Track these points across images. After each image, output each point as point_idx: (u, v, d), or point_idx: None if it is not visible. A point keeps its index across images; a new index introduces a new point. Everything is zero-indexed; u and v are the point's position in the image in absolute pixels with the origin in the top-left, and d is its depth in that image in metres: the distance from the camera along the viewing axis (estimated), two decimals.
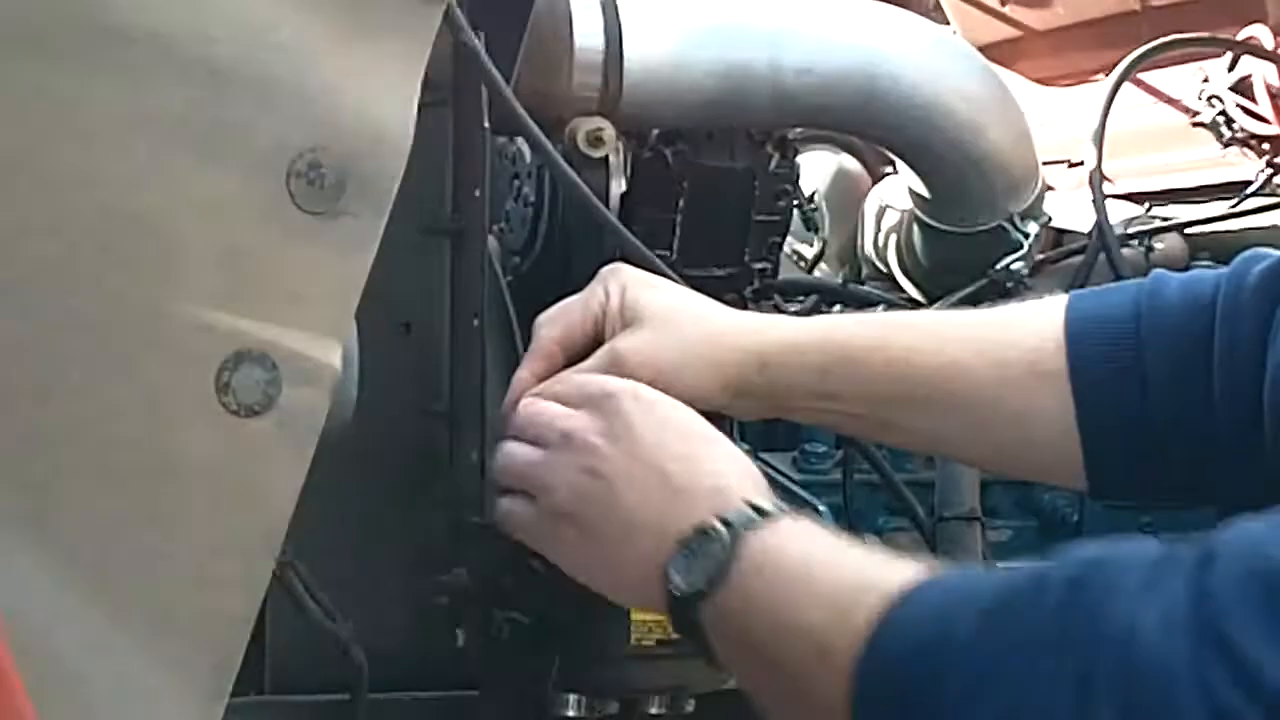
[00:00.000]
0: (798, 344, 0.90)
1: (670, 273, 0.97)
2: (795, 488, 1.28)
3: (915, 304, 1.39)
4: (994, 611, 0.63)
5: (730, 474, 0.79)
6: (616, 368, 0.88)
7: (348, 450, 0.81)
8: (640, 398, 0.82)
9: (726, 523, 0.75)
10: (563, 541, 0.81)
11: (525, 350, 0.94)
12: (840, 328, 0.92)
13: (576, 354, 0.91)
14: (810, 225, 1.54)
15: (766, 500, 0.77)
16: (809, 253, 1.59)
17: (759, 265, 1.12)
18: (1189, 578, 0.58)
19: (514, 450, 0.85)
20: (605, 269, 0.94)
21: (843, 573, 0.70)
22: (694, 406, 0.84)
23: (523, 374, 0.91)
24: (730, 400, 0.90)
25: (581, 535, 0.80)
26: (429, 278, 0.96)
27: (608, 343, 0.90)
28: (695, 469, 0.79)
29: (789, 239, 1.32)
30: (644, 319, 0.90)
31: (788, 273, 1.33)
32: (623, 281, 0.93)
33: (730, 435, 0.95)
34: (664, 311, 0.91)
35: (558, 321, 0.92)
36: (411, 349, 0.97)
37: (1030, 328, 0.88)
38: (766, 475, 0.80)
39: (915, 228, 1.37)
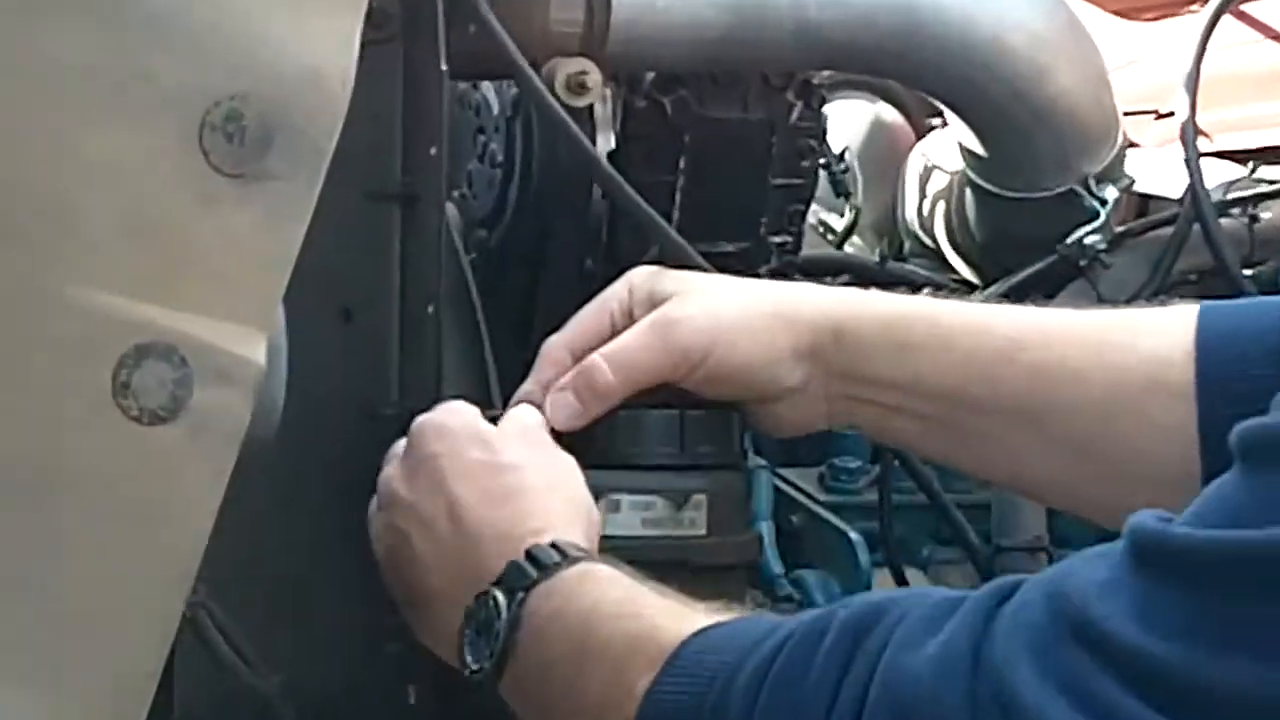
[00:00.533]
0: (879, 312, 0.92)
1: (694, 255, 0.99)
2: (822, 511, 1.30)
3: (967, 285, 1.40)
4: (763, 673, 0.68)
5: (528, 510, 0.84)
6: (664, 337, 0.90)
7: (276, 464, 0.82)
8: (445, 432, 0.87)
9: (508, 586, 0.80)
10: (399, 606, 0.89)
11: (489, 342, 0.98)
12: (928, 301, 0.93)
13: (592, 341, 0.94)
14: (840, 190, 1.54)
15: (570, 540, 0.82)
16: (839, 224, 1.60)
17: (778, 239, 1.13)
18: (977, 617, 0.62)
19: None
20: (631, 272, 0.96)
21: (621, 629, 0.75)
22: (755, 380, 0.89)
23: (528, 387, 0.94)
24: (796, 372, 0.91)
25: (402, 603, 0.88)
26: (374, 254, 0.97)
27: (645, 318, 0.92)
28: (489, 513, 0.84)
29: (814, 207, 1.32)
30: (686, 289, 0.92)
31: (812, 248, 1.34)
32: (649, 272, 0.95)
33: (738, 447, 0.97)
34: (709, 280, 0.94)
35: (567, 326, 0.95)
36: (354, 341, 0.97)
37: (1154, 330, 0.88)
38: (788, 496, 0.82)
39: (968, 193, 1.37)
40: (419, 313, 0.95)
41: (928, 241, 1.49)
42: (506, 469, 0.86)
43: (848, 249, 1.59)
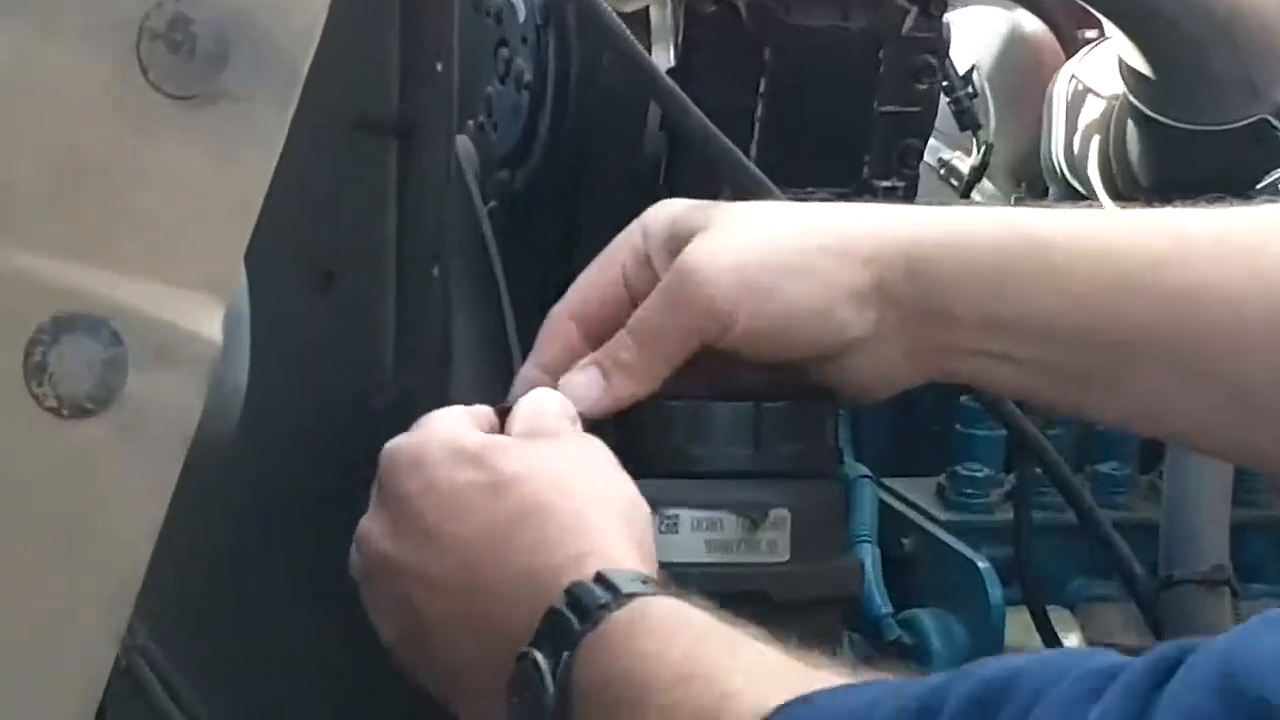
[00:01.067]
0: (965, 234, 0.92)
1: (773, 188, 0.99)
2: (941, 532, 1.30)
3: None
4: None
5: (552, 532, 0.84)
6: (681, 292, 0.91)
7: (236, 471, 0.83)
8: (421, 458, 0.87)
9: (550, 645, 0.80)
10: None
11: (513, 314, 1.00)
12: (1026, 215, 0.93)
13: (603, 326, 0.95)
14: (967, 121, 1.52)
15: (616, 559, 0.81)
16: (965, 164, 1.59)
17: (885, 183, 1.12)
18: (1131, 703, 0.62)
19: (352, 565, 0.91)
20: (648, 210, 0.96)
21: (687, 702, 0.75)
22: (806, 333, 0.90)
23: (528, 369, 0.95)
24: (861, 317, 0.92)
25: (431, 687, 0.88)
26: (363, 201, 0.98)
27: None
28: (504, 550, 0.84)
29: (933, 142, 1.30)
30: (709, 224, 0.93)
31: (932, 195, 1.34)
32: (669, 210, 0.95)
33: (833, 448, 0.97)
34: (739, 212, 0.94)
35: (570, 290, 0.96)
36: (336, 312, 0.99)
37: None
38: (897, 512, 0.81)
39: (1130, 124, 1.38)
40: (421, 275, 0.97)
41: (1078, 184, 1.49)
42: (508, 486, 0.85)
43: (976, 197, 1.58)
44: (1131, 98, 1.35)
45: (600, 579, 0.80)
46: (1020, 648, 1.26)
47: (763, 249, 0.92)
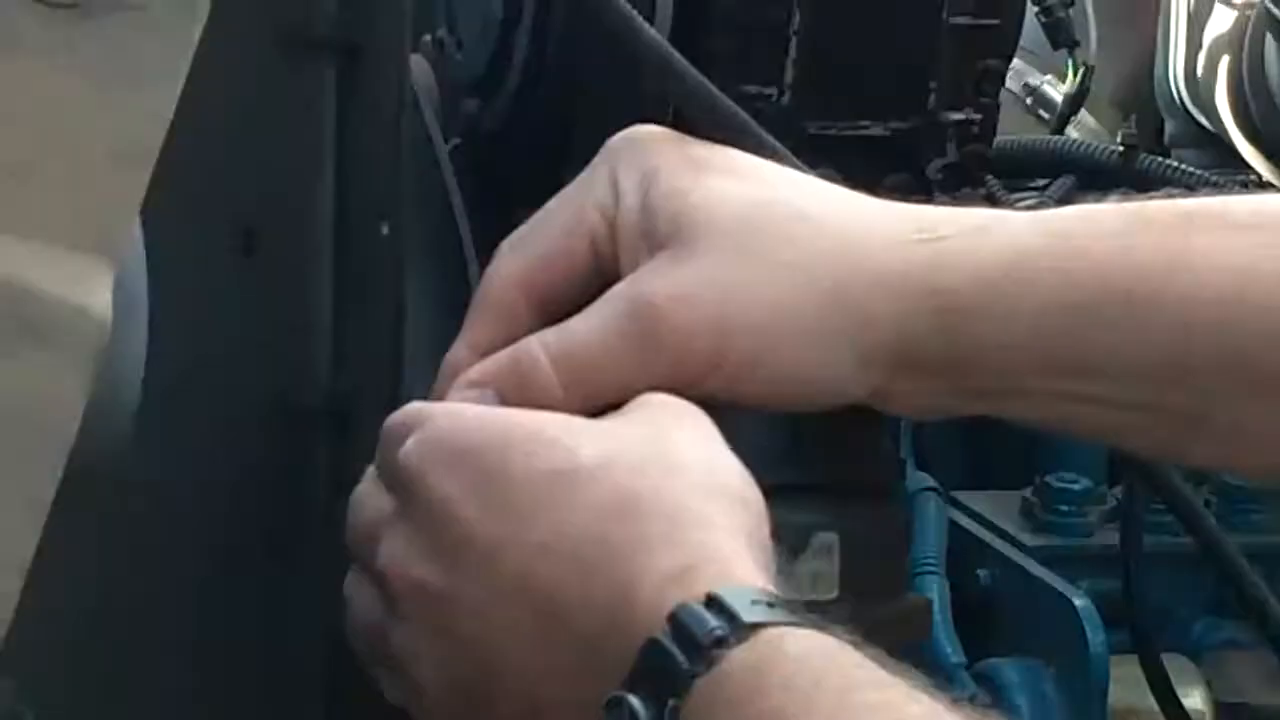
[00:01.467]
0: (1021, 261, 0.93)
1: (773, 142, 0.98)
2: (1027, 561, 1.30)
3: (1265, 188, 1.43)
4: None
5: (654, 534, 0.83)
6: (646, 336, 0.91)
7: (129, 488, 0.83)
8: (459, 456, 0.86)
9: (649, 689, 0.79)
10: None
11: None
12: (1115, 222, 0.95)
13: (559, 303, 0.95)
14: (1061, 37, 1.53)
15: (731, 570, 0.81)
16: (1058, 91, 1.60)
17: (957, 116, 1.13)
18: None
19: (352, 600, 0.92)
20: (616, 139, 0.97)
21: None
22: (801, 394, 0.92)
23: (457, 350, 0.95)
24: (876, 388, 0.94)
25: None
26: (293, 140, 0.98)
27: (623, 279, 0.93)
28: (588, 563, 0.83)
29: (1019, 64, 1.34)
30: (693, 232, 0.93)
31: (1016, 131, 1.34)
32: (646, 162, 0.95)
33: (891, 457, 1.00)
34: (733, 216, 0.93)
35: (525, 244, 0.96)
36: (259, 281, 0.98)
37: None
38: (973, 536, 0.82)
39: (1269, 41, 1.39)
40: (366, 235, 0.96)
41: (1202, 119, 1.51)
42: (588, 475, 0.85)
43: (1071, 132, 1.58)
44: (1273, 4, 1.35)
45: (713, 602, 0.80)
46: (1129, 710, 1.28)
47: (752, 297, 0.92)
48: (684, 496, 0.85)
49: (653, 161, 0.95)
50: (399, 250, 0.96)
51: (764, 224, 0.94)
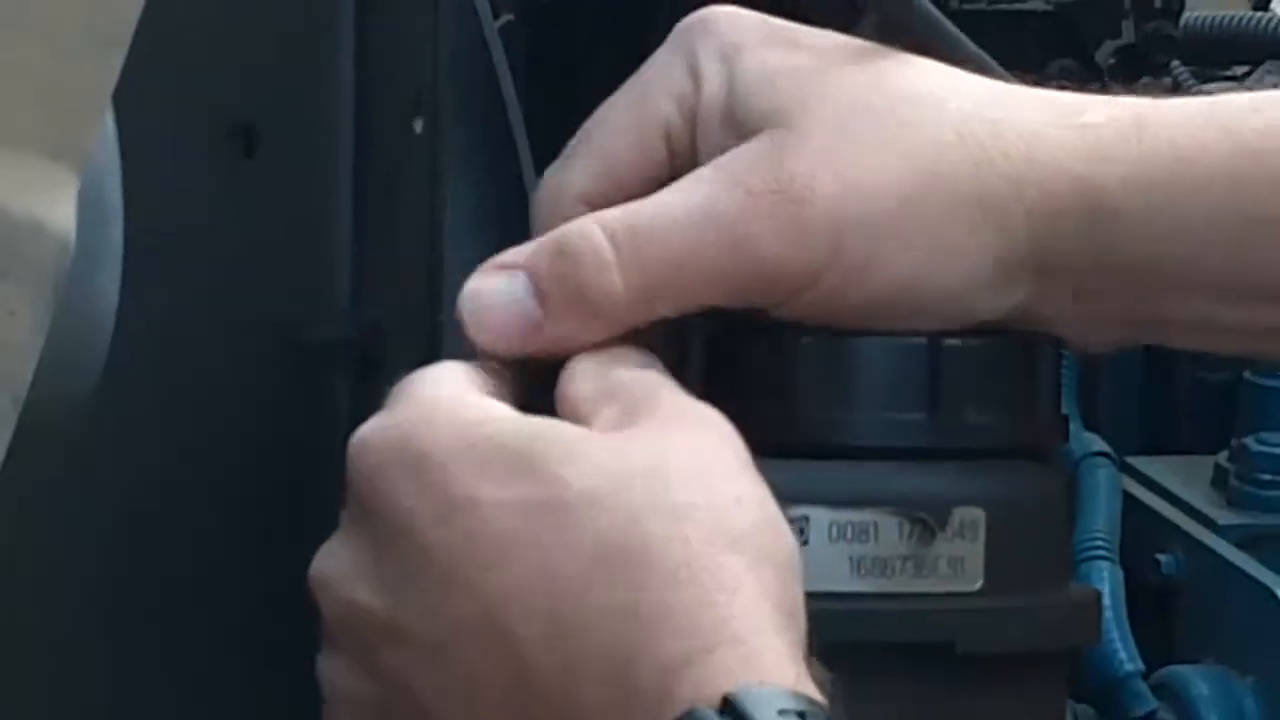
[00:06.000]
0: (1181, 153, 0.91)
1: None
2: (1223, 547, 1.27)
3: None
4: None
5: (664, 604, 0.78)
6: (732, 223, 0.88)
7: (104, 443, 0.85)
8: (417, 462, 0.82)
9: None
10: None
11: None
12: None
13: (636, 188, 0.92)
14: None
15: (761, 684, 0.75)
16: None
17: None
18: None
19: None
20: (687, 20, 0.95)
21: None
22: (904, 323, 0.91)
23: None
24: (1014, 305, 0.92)
25: None
26: (302, 15, 0.98)
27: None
28: (574, 623, 0.78)
29: None
30: (792, 116, 0.91)
31: (1209, 5, 1.34)
32: (729, 41, 0.94)
33: (1052, 411, 0.96)
34: (839, 99, 0.92)
35: (588, 146, 0.94)
36: (261, 189, 0.98)
37: None
38: (1154, 513, 0.78)
39: None
40: (394, 134, 0.95)
41: None
42: (573, 512, 0.79)
43: (1276, 7, 1.59)
44: None
45: (730, 709, 0.74)
46: None
47: (870, 188, 0.90)
48: (698, 548, 0.79)
49: (737, 39, 0.93)
50: (435, 153, 0.94)
51: (876, 107, 0.92)
